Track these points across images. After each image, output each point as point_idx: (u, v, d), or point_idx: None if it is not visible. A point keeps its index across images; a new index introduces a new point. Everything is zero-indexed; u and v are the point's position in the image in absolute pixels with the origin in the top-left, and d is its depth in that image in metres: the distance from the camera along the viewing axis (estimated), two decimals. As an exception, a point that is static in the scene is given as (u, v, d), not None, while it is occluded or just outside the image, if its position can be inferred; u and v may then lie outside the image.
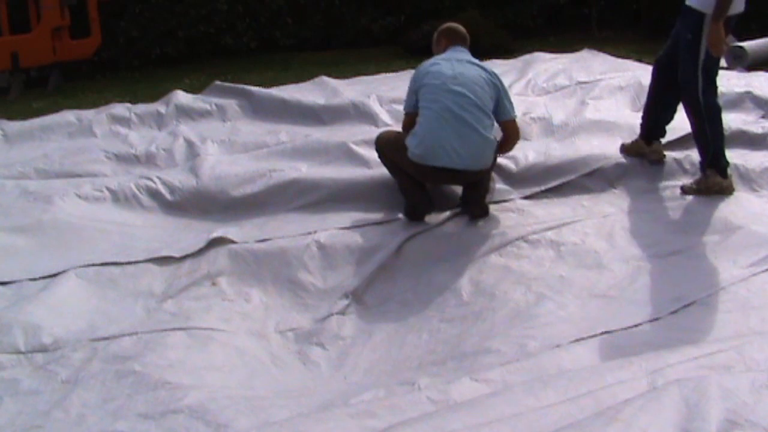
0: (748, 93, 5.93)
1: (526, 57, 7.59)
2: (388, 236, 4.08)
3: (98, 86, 7.98)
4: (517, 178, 4.69)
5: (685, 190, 4.49)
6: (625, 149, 4.91)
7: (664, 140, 4.98)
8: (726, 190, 4.43)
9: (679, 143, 5.03)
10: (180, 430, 2.58)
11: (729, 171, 4.48)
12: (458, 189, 4.49)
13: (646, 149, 4.85)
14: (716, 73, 4.45)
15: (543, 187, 4.62)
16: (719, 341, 2.77)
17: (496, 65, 7.27)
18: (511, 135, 4.35)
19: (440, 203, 4.41)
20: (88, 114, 5.98)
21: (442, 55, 4.35)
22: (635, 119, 5.45)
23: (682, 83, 4.49)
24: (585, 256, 3.88)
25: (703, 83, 4.37)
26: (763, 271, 3.51)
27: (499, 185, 4.63)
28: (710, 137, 4.45)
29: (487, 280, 3.70)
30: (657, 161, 4.80)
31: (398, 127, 4.58)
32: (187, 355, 3.14)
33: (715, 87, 4.44)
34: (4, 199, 4.51)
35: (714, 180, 4.43)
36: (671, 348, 2.78)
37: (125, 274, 3.79)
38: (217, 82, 6.46)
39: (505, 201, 4.50)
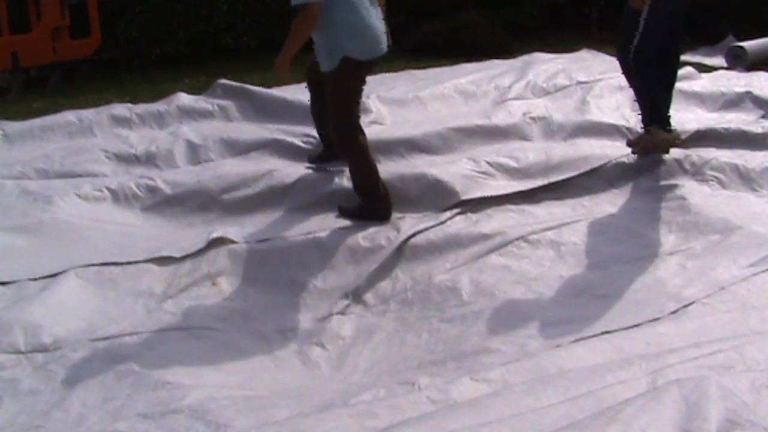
0: (748, 93, 5.95)
1: (526, 57, 7.59)
2: (388, 236, 4.08)
3: (98, 86, 7.97)
4: (517, 177, 4.69)
5: (631, 147, 4.63)
6: (631, 143, 4.92)
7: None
8: (674, 141, 4.57)
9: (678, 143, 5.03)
10: (180, 430, 2.58)
11: (673, 124, 4.61)
12: (456, 187, 4.49)
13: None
14: (655, 41, 4.52)
15: (545, 182, 4.62)
16: (719, 341, 2.77)
17: (496, 65, 7.29)
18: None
19: (440, 203, 4.42)
20: (88, 114, 5.97)
21: None
22: (635, 119, 5.46)
23: (618, 46, 4.65)
24: (585, 256, 3.88)
25: (638, 46, 4.48)
26: (763, 271, 3.51)
27: (499, 182, 4.63)
28: (655, 97, 4.59)
29: (487, 280, 3.70)
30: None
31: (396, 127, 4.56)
32: (187, 355, 3.14)
33: (652, 53, 4.51)
34: (5, 199, 4.51)
35: (660, 137, 4.55)
36: (671, 348, 2.78)
37: (125, 274, 3.79)
38: (221, 81, 6.45)
39: (505, 200, 4.50)
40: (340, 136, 4.25)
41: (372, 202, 4.27)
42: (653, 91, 4.63)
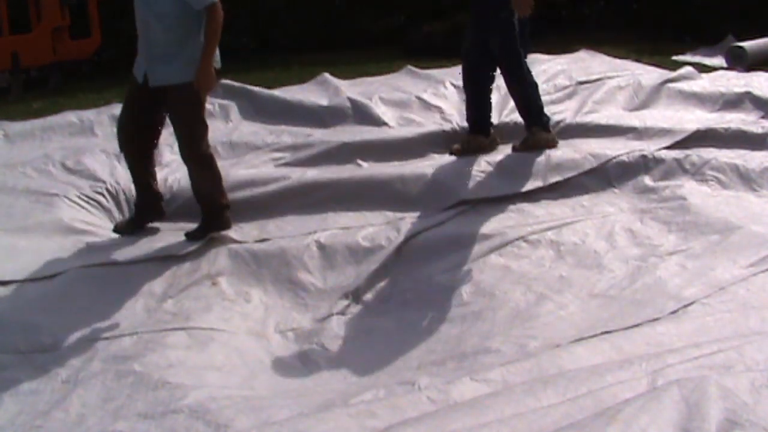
0: (748, 93, 5.95)
1: (525, 58, 7.58)
2: (388, 236, 4.08)
3: (98, 86, 7.97)
4: (518, 177, 4.69)
5: (516, 149, 4.91)
6: (459, 151, 5.00)
7: (666, 143, 5.00)
8: (552, 143, 4.91)
9: (679, 143, 5.03)
10: (180, 430, 2.58)
11: (551, 125, 5.05)
12: (456, 187, 4.50)
13: (485, 142, 5.05)
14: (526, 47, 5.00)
15: (543, 183, 4.62)
16: (719, 341, 2.77)
17: (496, 65, 7.28)
18: None
19: (440, 203, 4.42)
20: (89, 114, 5.98)
21: None
22: (634, 119, 5.47)
23: (503, 57, 4.85)
24: (585, 256, 3.88)
25: (524, 53, 4.86)
26: (763, 271, 3.51)
27: (499, 182, 4.64)
28: (533, 100, 4.92)
29: (487, 280, 3.70)
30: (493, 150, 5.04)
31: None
32: (187, 355, 3.14)
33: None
34: (6, 199, 4.51)
35: (540, 136, 4.90)
36: (671, 348, 2.78)
37: (125, 274, 3.79)
38: (222, 81, 6.45)
39: (505, 200, 4.50)
40: (198, 151, 4.08)
41: (219, 214, 4.18)
42: (539, 95, 5.01)
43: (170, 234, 4.23)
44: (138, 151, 4.20)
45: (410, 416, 2.41)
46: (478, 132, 5.05)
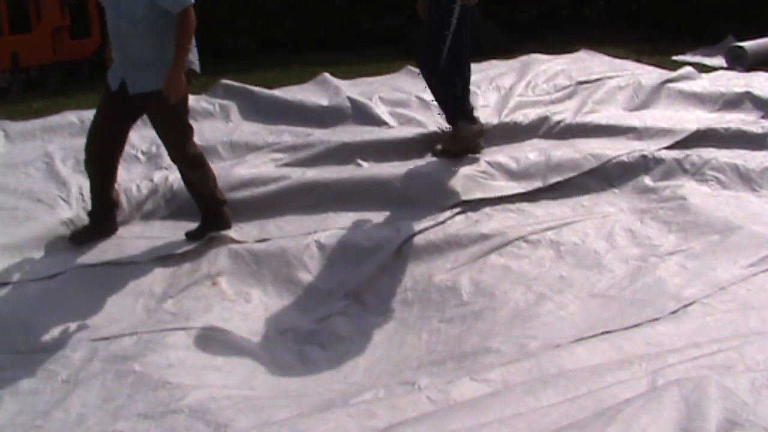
0: (748, 93, 5.95)
1: (524, 58, 7.58)
2: (388, 236, 4.08)
3: (98, 86, 7.94)
4: (517, 178, 4.69)
5: (442, 150, 4.81)
6: (440, 152, 4.97)
7: (666, 143, 5.00)
8: (481, 133, 4.83)
9: (679, 143, 5.04)
10: (180, 430, 2.58)
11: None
12: (456, 187, 4.50)
13: (473, 129, 4.97)
14: (457, 50, 4.79)
15: (543, 184, 4.62)
16: (719, 341, 2.77)
17: (495, 66, 7.29)
18: None
19: (440, 203, 4.42)
20: (89, 114, 5.94)
21: None
22: (634, 119, 5.47)
23: (429, 51, 4.79)
24: (585, 256, 3.88)
25: (447, 57, 4.74)
26: (763, 271, 3.51)
27: (499, 182, 4.64)
28: (454, 93, 4.80)
29: (487, 280, 3.71)
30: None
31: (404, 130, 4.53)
32: (187, 355, 3.15)
33: (455, 60, 4.79)
34: (6, 199, 4.51)
35: (467, 130, 4.77)
36: (671, 348, 2.79)
37: (125, 274, 3.79)
38: (223, 81, 6.45)
39: (505, 200, 4.50)
40: (187, 153, 4.05)
41: (218, 211, 4.19)
42: (455, 90, 4.87)
43: (170, 234, 4.23)
44: (108, 161, 4.15)
45: (410, 416, 2.41)
46: (458, 117, 4.95)
